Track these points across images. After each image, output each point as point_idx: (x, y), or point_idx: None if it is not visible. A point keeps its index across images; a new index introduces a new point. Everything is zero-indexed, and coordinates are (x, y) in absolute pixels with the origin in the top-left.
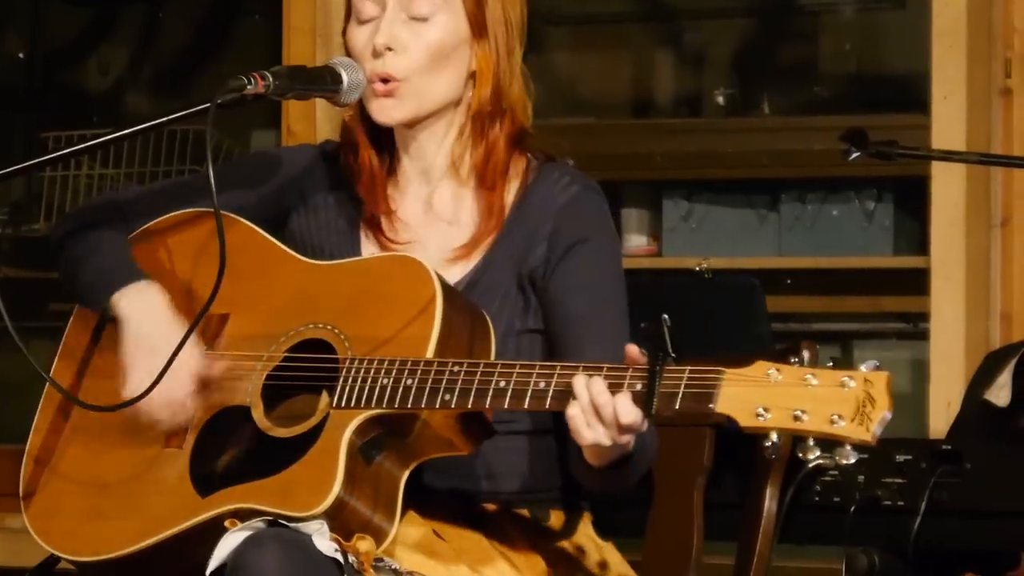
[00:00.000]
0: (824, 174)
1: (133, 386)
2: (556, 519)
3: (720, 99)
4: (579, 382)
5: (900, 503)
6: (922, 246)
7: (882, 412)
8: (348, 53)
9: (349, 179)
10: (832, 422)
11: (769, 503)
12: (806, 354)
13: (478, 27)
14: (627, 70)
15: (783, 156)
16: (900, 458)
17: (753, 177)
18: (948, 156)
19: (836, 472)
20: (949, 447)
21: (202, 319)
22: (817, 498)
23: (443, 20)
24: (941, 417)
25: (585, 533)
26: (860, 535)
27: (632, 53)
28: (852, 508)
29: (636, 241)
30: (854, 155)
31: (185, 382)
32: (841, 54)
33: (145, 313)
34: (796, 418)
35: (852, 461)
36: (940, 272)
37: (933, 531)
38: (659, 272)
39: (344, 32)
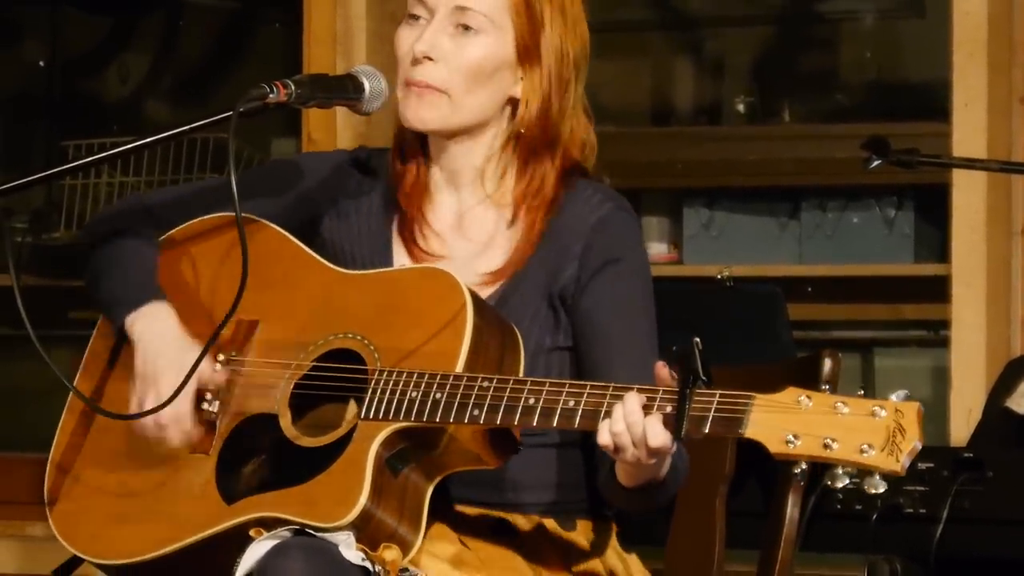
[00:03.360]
0: (845, 182)
1: (135, 407)
2: (583, 530)
3: (740, 107)
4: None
5: (922, 511)
6: (943, 254)
7: (912, 443)
8: None
9: (393, 185)
10: (862, 451)
11: (791, 511)
12: (828, 362)
13: (527, 54)
14: (647, 78)
15: (804, 164)
16: (922, 466)
17: (774, 185)
18: (969, 164)
19: (858, 480)
20: (971, 455)
21: (228, 325)
22: (839, 506)
23: (489, 40)
24: (962, 425)
25: (611, 545)
26: (882, 543)
27: (652, 61)
28: (874, 516)
29: (657, 249)
30: (875, 163)
31: (187, 400)
32: (861, 62)
33: (156, 335)
34: (826, 446)
35: (880, 491)
36: (961, 279)
37: (955, 539)
38: (680, 280)
39: None
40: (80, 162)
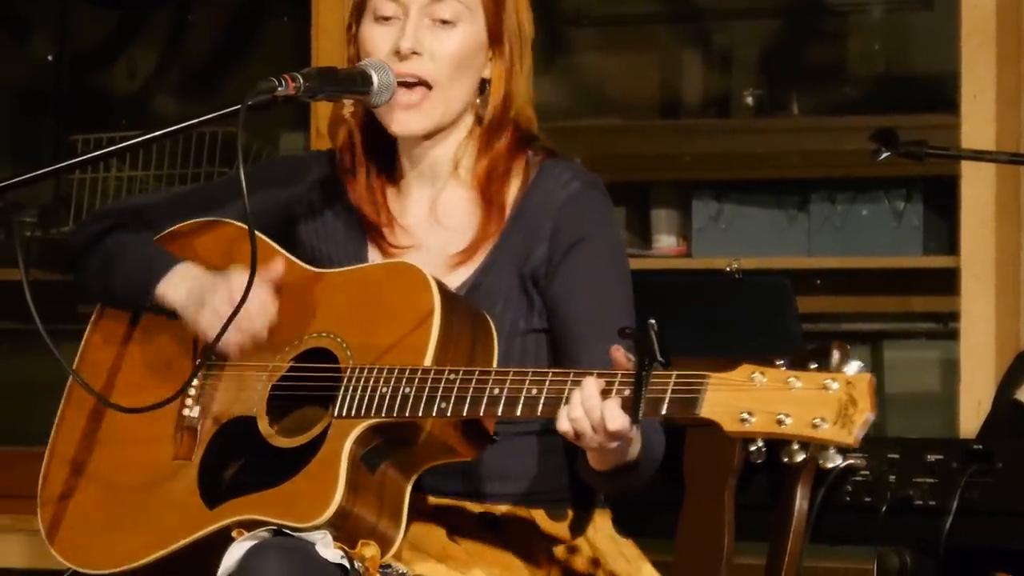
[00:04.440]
0: (853, 174)
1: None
2: (573, 517)
3: (749, 99)
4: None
5: (932, 503)
6: (952, 246)
7: (864, 415)
8: (358, 50)
9: (344, 180)
10: (815, 426)
11: (800, 503)
12: (836, 354)
13: (495, 36)
14: (655, 71)
15: (812, 156)
16: (931, 458)
17: (782, 177)
18: (978, 156)
19: (867, 472)
20: (980, 446)
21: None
22: (848, 498)
23: (467, 27)
24: (972, 416)
25: (604, 531)
26: (892, 535)
27: (660, 54)
28: (883, 508)
29: (666, 242)
30: (884, 155)
31: (263, 296)
32: (870, 54)
33: (194, 287)
34: (779, 422)
35: (836, 464)
36: (970, 271)
37: (965, 531)
38: (689, 273)
39: (351, 28)
40: (88, 156)
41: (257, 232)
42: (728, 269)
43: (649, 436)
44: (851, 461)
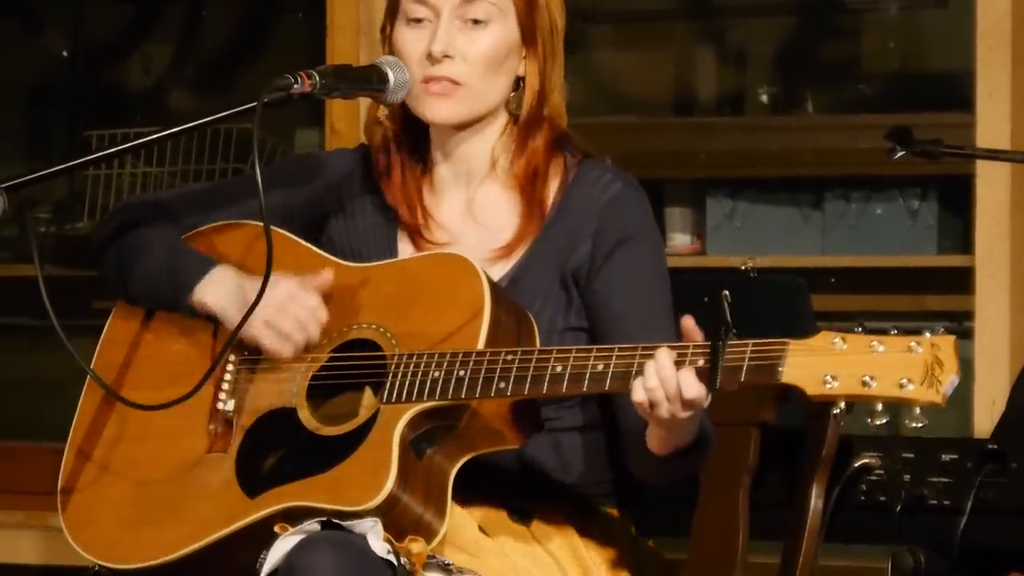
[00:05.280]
0: (868, 173)
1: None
2: (604, 516)
3: (763, 97)
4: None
5: (946, 502)
6: (966, 245)
7: (951, 375)
8: (392, 51)
9: (380, 181)
10: (901, 386)
11: (815, 502)
12: None
13: (528, 34)
14: (670, 68)
15: (827, 154)
16: (946, 457)
17: (797, 175)
18: (993, 155)
19: (882, 471)
20: (995, 446)
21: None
22: (863, 497)
23: (498, 27)
24: (986, 416)
25: (630, 532)
26: (906, 534)
27: (675, 51)
28: (898, 507)
29: (680, 240)
30: (899, 154)
31: (311, 303)
32: (884, 52)
33: (233, 292)
34: (864, 384)
35: (920, 425)
36: (985, 271)
37: (979, 530)
38: (703, 271)
39: (385, 29)
40: (103, 152)
41: (283, 231)
42: (743, 267)
43: (704, 421)
44: (865, 460)
